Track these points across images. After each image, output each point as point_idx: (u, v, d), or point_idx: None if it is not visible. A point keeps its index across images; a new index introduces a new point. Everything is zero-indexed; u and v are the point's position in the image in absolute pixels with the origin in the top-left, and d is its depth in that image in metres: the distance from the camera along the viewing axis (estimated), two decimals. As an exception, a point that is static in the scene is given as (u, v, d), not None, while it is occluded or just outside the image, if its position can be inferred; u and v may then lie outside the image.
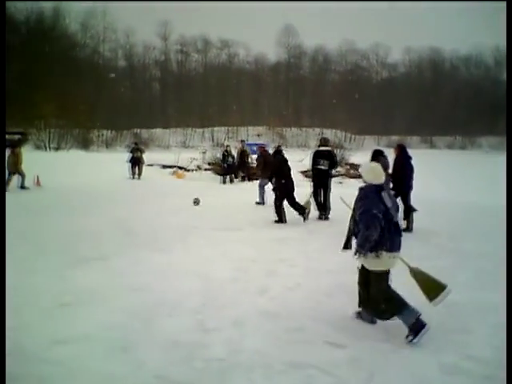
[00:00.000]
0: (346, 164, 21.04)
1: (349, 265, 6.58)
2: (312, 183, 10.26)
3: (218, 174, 19.25)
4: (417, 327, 4.07)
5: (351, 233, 4.49)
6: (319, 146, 10.48)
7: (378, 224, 4.08)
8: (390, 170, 8.68)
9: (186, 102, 65.12)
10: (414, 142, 71.55)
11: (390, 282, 4.32)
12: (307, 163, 13.36)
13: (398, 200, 8.57)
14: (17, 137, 29.55)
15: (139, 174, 19.19)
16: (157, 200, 12.75)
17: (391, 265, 4.26)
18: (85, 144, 40.68)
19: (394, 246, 4.20)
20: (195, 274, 5.94)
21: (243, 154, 18.44)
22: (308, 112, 71.42)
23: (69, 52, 58.28)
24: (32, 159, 16.19)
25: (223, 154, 18.88)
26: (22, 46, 55.29)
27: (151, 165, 21.38)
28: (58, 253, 6.82)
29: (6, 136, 29.43)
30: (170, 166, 21.68)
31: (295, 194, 10.01)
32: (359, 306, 4.60)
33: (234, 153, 18.89)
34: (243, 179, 18.42)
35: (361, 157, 25.21)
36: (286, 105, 70.16)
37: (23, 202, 11.97)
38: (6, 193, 12.83)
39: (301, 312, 4.81)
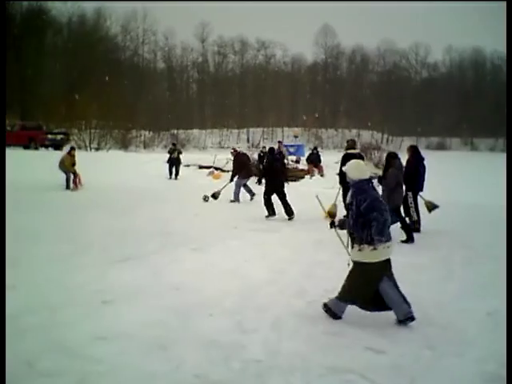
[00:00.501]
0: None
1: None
2: (341, 186, 10.08)
3: (255, 175, 19.26)
4: (333, 315, 4.59)
5: (347, 224, 4.65)
6: (347, 149, 10.42)
7: (388, 222, 4.25)
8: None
9: (223, 103, 65.63)
10: (454, 143, 69.79)
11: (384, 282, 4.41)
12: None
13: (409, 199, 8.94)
14: (59, 137, 30.51)
15: (176, 175, 19.45)
16: (194, 200, 12.88)
17: (385, 255, 4.37)
18: (124, 144, 41.46)
19: (388, 236, 4.35)
20: (233, 275, 5.98)
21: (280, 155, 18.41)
22: (345, 113, 70.73)
23: (110, 54, 59.71)
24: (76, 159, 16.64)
25: (259, 155, 18.90)
26: (65, 48, 57.10)
27: (188, 165, 21.62)
28: (99, 251, 6.99)
29: (50, 136, 30.54)
30: (207, 167, 21.86)
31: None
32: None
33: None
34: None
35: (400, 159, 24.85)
36: (322, 105, 69.72)
37: (67, 200, 12.32)
38: (63, 192, 13.37)
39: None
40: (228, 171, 20.98)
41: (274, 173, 10.63)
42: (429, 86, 74.16)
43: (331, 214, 10.41)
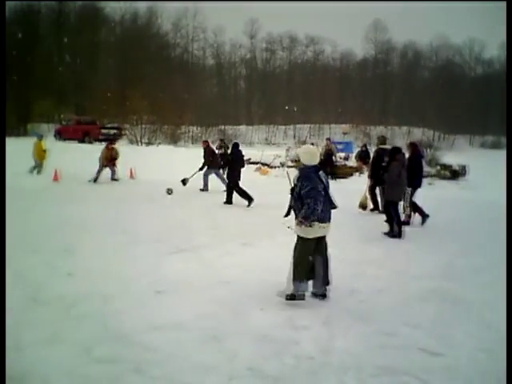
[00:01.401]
0: (437, 164, 20.05)
1: (443, 270, 6.36)
2: (371, 180, 10.78)
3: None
4: (292, 298, 4.80)
5: (291, 206, 5.03)
6: (380, 145, 11.18)
7: (320, 202, 4.68)
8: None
9: (270, 100, 65.66)
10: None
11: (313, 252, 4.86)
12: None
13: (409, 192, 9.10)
14: (112, 131, 31.41)
15: (224, 169, 19.61)
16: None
17: (320, 233, 4.85)
18: (173, 139, 42.18)
19: (324, 217, 4.80)
20: (283, 270, 5.95)
21: (329, 152, 18.24)
22: (395, 109, 69.10)
23: (161, 51, 60.92)
24: (126, 153, 17.08)
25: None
26: (118, 45, 58.70)
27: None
28: (152, 242, 7.15)
29: (103, 130, 31.50)
30: (254, 163, 21.93)
31: None
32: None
33: (320, 150, 18.74)
34: (328, 177, 18.21)
35: (453, 157, 24.05)
36: (371, 102, 68.46)
37: (118, 192, 12.65)
38: (99, 184, 13.71)
39: (392, 316, 4.68)
40: (275, 167, 21.04)
41: (238, 166, 11.73)
42: (484, 82, 71.36)
43: (363, 206, 10.80)
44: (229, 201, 11.39)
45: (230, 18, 71.12)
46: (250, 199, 11.21)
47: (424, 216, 9.56)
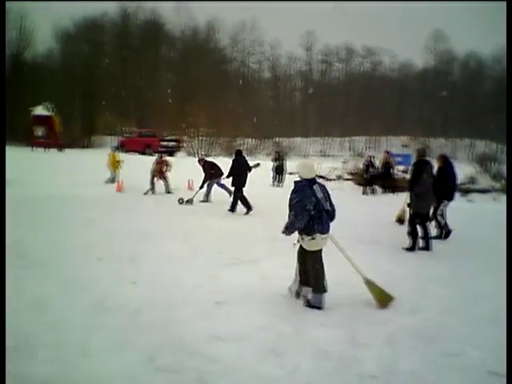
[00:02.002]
0: (503, 178, 19.13)
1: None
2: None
3: (360, 184, 18.90)
4: (313, 306, 4.96)
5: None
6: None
7: (307, 215, 4.83)
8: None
9: (326, 111, 65.26)
10: None
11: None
12: (459, 177, 12.55)
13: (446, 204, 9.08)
14: (172, 144, 32.31)
15: (280, 182, 19.65)
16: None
17: (324, 244, 5.10)
18: (229, 151, 42.80)
19: (324, 229, 5.00)
20: (342, 285, 5.87)
21: (387, 165, 17.88)
22: (456, 121, 66.78)
23: (218, 65, 62.18)
24: (185, 165, 17.50)
25: (366, 164, 18.49)
26: (178, 60, 60.49)
27: (292, 173, 21.71)
28: (212, 253, 7.26)
29: (163, 143, 32.44)
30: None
31: None
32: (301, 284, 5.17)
33: (378, 163, 18.41)
34: (386, 191, 17.85)
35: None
36: (431, 113, 66.54)
37: (176, 204, 12.92)
38: (158, 195, 14.03)
39: (458, 336, 4.49)
40: (331, 180, 20.85)
41: (243, 173, 11.88)
42: (553, 92, 67.56)
43: (400, 219, 10.52)
44: (248, 207, 11.60)
45: (287, 31, 71.66)
46: (249, 208, 11.53)
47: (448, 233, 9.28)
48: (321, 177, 21.24)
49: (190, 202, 12.98)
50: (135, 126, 46.88)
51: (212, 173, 13.56)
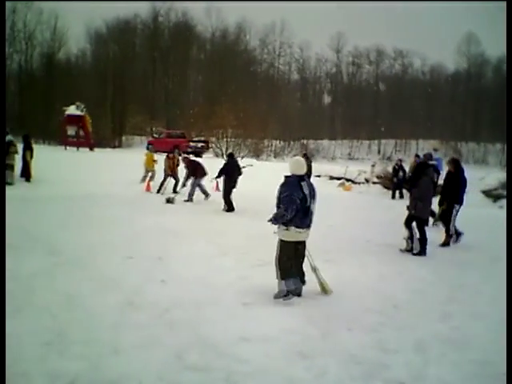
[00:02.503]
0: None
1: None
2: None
3: (388, 188, 18.69)
4: (287, 296, 5.21)
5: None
6: (427, 161, 11.78)
7: (295, 207, 5.12)
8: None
9: (355, 114, 64.73)
10: None
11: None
12: (491, 182, 12.43)
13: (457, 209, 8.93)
14: (200, 144, 32.57)
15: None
16: (324, 211, 12.81)
17: (297, 237, 5.31)
18: (256, 153, 42.88)
19: (302, 223, 5.27)
20: (369, 290, 5.84)
21: (417, 169, 17.61)
22: (488, 125, 65.36)
23: (248, 67, 62.40)
24: (212, 166, 17.54)
25: (394, 168, 18.27)
26: (207, 61, 60.99)
27: (319, 176, 21.61)
28: (239, 253, 7.30)
29: (191, 143, 32.71)
30: (338, 178, 21.68)
31: None
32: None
33: (406, 167, 18.15)
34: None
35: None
36: (463, 117, 65.30)
37: (203, 204, 13.01)
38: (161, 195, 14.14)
39: (489, 344, 4.41)
40: (359, 183, 20.68)
41: (233, 175, 12.22)
42: None
43: None
44: (231, 208, 11.95)
45: (317, 32, 71.26)
46: (231, 210, 11.87)
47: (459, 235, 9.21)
48: (348, 180, 21.10)
49: (171, 201, 12.96)
50: (164, 126, 47.48)
51: (195, 170, 13.70)
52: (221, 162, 17.07)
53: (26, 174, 14.73)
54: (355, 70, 70.71)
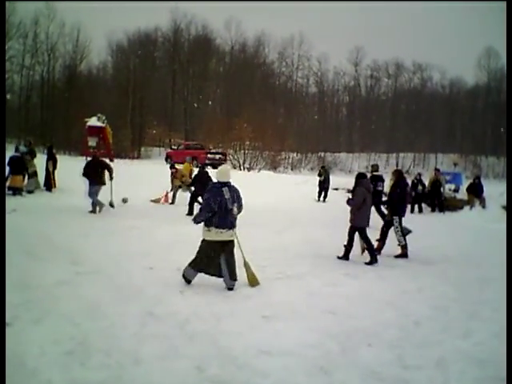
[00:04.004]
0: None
1: None
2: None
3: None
4: (187, 281, 6.07)
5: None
6: (372, 172, 12.90)
7: (210, 210, 5.84)
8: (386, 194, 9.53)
9: (372, 127, 64.54)
10: None
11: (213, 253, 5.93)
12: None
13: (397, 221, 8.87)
14: (217, 156, 32.79)
15: (325, 197, 19.52)
16: (342, 224, 12.76)
17: (217, 237, 5.91)
18: (273, 165, 42.98)
19: (223, 224, 5.90)
20: (390, 305, 5.79)
21: (436, 184, 17.48)
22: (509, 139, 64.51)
23: (266, 80, 62.79)
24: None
25: (413, 182, 18.14)
26: (226, 74, 61.54)
27: (337, 189, 21.55)
28: (257, 266, 7.24)
29: (209, 155, 32.95)
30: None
31: None
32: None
33: (425, 181, 18.03)
34: (433, 209, 17.44)
35: None
36: (483, 131, 64.61)
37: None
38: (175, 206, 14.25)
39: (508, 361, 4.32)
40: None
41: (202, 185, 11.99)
42: None
43: None
44: (191, 212, 12.37)
45: (335, 46, 71.67)
46: (191, 214, 11.95)
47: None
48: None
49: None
50: (182, 138, 47.92)
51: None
52: (239, 174, 17.13)
53: (49, 183, 15.02)
54: (373, 83, 70.60)
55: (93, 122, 30.05)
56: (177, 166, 16.78)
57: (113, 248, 8.00)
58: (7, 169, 14.18)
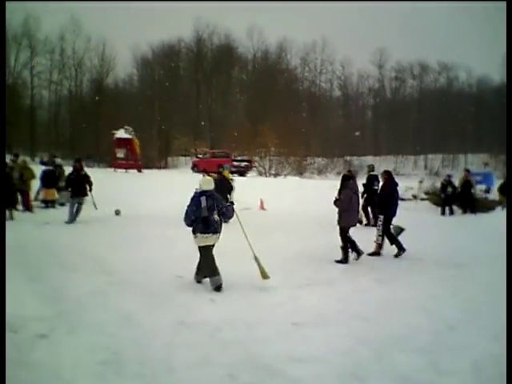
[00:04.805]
0: None
1: None
2: (364, 200, 12.70)
3: (437, 204, 18.21)
4: (216, 289, 6.27)
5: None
6: (369, 172, 13.69)
7: (188, 217, 6.47)
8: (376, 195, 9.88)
9: (399, 129, 63.74)
10: None
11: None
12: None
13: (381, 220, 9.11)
14: (243, 164, 32.93)
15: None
16: (371, 228, 12.65)
17: (205, 242, 6.45)
18: (299, 171, 42.92)
19: (206, 229, 6.40)
20: (421, 310, 5.71)
21: (467, 185, 17.10)
22: (541, 137, 62.78)
23: (289, 85, 62.84)
24: (256, 185, 17.72)
25: (442, 184, 17.81)
26: (249, 81, 61.88)
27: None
28: (285, 273, 7.31)
29: (235, 163, 33.12)
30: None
31: None
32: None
33: (456, 182, 17.67)
34: (465, 211, 17.07)
35: None
36: (512, 129, 63.03)
37: (251, 222, 13.06)
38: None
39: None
40: (406, 199, 20.24)
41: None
42: None
43: (358, 221, 10.66)
44: None
45: (358, 48, 70.98)
46: None
47: (400, 249, 8.99)
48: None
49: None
50: (208, 146, 48.33)
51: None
52: (265, 181, 17.16)
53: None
54: (398, 84, 69.82)
55: (120, 133, 30.65)
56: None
57: (142, 257, 8.12)
58: (39, 182, 14.59)
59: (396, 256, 8.93)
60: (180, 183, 17.71)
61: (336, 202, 8.64)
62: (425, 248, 9.90)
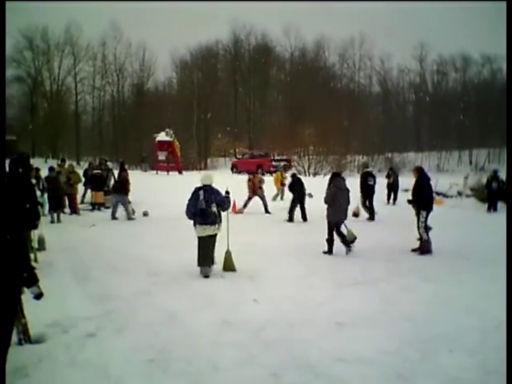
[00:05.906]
0: None
1: None
2: (362, 195, 13.91)
3: (482, 200, 17.65)
4: (204, 275, 6.95)
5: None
6: (364, 169, 15.48)
7: (189, 210, 7.03)
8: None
9: (442, 124, 62.08)
10: None
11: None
12: None
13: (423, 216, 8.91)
14: (282, 163, 32.87)
15: (394, 200, 18.97)
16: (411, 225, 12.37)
17: (203, 232, 6.97)
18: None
19: (204, 221, 6.92)
20: (470, 309, 5.56)
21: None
22: None
23: (327, 83, 62.35)
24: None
25: (487, 180, 17.25)
26: (287, 80, 61.73)
27: (407, 190, 20.87)
28: (328, 273, 7.27)
29: (274, 163, 33.12)
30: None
31: None
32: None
33: (504, 178, 17.06)
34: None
35: None
36: None
37: (284, 223, 13.04)
38: (273, 215, 14.27)
39: None
40: (451, 197, 19.73)
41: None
42: None
43: (355, 214, 13.39)
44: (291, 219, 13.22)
45: (398, 43, 69.65)
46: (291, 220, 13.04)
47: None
48: (439, 193, 20.17)
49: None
50: (246, 147, 48.56)
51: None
52: (305, 180, 17.11)
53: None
54: (440, 78, 68.02)
55: (162, 136, 31.22)
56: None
57: (185, 258, 8.22)
58: (83, 186, 15.14)
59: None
60: (219, 184, 17.81)
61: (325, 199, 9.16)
62: (471, 246, 9.62)
